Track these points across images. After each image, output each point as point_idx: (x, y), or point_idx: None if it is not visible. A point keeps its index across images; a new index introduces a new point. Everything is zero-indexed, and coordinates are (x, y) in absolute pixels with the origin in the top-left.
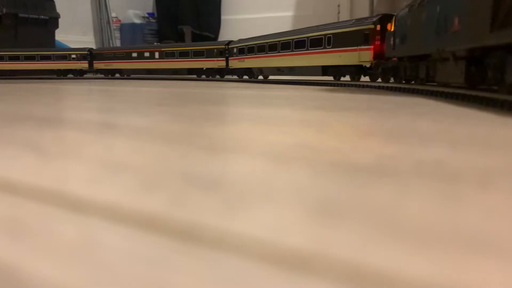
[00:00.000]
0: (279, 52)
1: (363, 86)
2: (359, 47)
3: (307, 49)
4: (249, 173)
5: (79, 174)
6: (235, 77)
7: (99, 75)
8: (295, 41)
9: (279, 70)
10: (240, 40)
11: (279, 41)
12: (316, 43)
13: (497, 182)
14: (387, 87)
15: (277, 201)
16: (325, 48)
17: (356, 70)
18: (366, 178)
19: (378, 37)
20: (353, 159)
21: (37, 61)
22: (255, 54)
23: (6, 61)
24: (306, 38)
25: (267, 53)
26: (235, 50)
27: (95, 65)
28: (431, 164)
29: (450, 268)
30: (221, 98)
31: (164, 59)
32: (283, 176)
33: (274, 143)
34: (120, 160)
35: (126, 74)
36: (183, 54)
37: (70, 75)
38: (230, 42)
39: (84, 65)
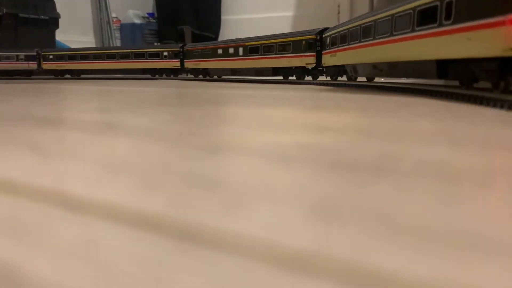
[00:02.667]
0: (374, 38)
1: (364, 86)
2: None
3: (413, 30)
4: (249, 173)
5: (79, 174)
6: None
7: (190, 76)
8: (396, 17)
9: (376, 69)
10: (338, 26)
11: (375, 20)
12: (428, 16)
13: (497, 182)
14: (387, 87)
15: (277, 201)
16: (441, 25)
17: (503, 69)
18: (366, 177)
19: None
20: (353, 159)
21: (132, 59)
22: (347, 45)
23: (104, 59)
24: (411, 11)
25: (360, 42)
26: (328, 40)
27: (186, 64)
28: (431, 164)
29: (450, 268)
30: (221, 98)
31: (248, 56)
32: (283, 176)
33: (274, 143)
34: (120, 160)
35: (217, 75)
36: (268, 49)
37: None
38: (324, 29)
39: (176, 63)
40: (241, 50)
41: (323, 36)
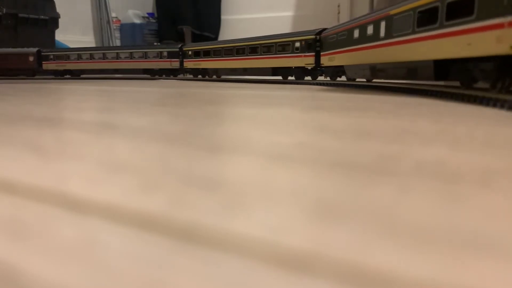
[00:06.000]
0: None
1: (363, 86)
2: None
3: None
4: (249, 173)
5: (79, 174)
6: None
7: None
8: None
9: None
10: None
11: None
12: None
13: (497, 182)
14: (387, 87)
15: (277, 201)
16: None
17: None
18: (366, 178)
19: None
20: (353, 159)
21: (260, 55)
22: None
23: (246, 55)
24: None
25: None
26: None
27: (322, 59)
28: (431, 164)
29: (450, 268)
30: (220, 98)
31: (393, 38)
32: (283, 176)
33: (274, 143)
34: (120, 160)
35: (366, 79)
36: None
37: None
38: None
39: (308, 59)
40: (382, 27)
41: None
